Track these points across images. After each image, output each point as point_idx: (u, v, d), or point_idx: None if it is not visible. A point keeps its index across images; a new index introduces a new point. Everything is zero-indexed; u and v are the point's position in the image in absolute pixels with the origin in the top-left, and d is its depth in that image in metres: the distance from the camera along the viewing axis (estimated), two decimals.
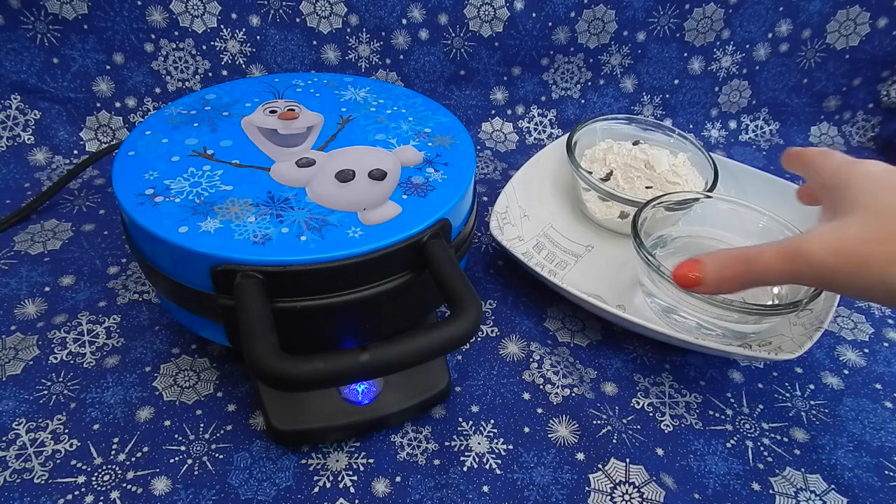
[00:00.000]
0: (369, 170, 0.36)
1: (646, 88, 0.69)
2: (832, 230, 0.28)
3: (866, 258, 0.26)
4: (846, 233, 0.27)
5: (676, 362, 0.42)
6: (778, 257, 0.29)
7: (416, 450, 0.36)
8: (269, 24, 0.60)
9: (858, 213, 0.28)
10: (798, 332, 0.40)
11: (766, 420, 0.39)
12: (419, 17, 0.61)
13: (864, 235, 0.27)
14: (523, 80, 0.67)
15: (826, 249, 0.27)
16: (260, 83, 0.45)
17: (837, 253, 0.27)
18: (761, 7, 0.65)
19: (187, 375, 0.39)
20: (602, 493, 0.34)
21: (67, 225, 0.51)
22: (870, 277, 0.26)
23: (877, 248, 0.26)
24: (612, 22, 0.64)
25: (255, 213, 0.32)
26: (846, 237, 0.27)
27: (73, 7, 0.55)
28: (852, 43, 0.68)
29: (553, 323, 0.45)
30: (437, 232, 0.33)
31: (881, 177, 0.29)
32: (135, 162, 0.35)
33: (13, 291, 0.44)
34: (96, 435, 0.35)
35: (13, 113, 0.57)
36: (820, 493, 0.35)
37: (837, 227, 0.28)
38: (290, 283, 0.30)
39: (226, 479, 0.33)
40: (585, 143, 0.54)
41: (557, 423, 0.38)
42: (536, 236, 0.51)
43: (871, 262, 0.26)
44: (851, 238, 0.27)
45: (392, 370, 0.27)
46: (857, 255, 0.27)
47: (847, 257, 0.27)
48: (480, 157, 0.65)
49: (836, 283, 0.28)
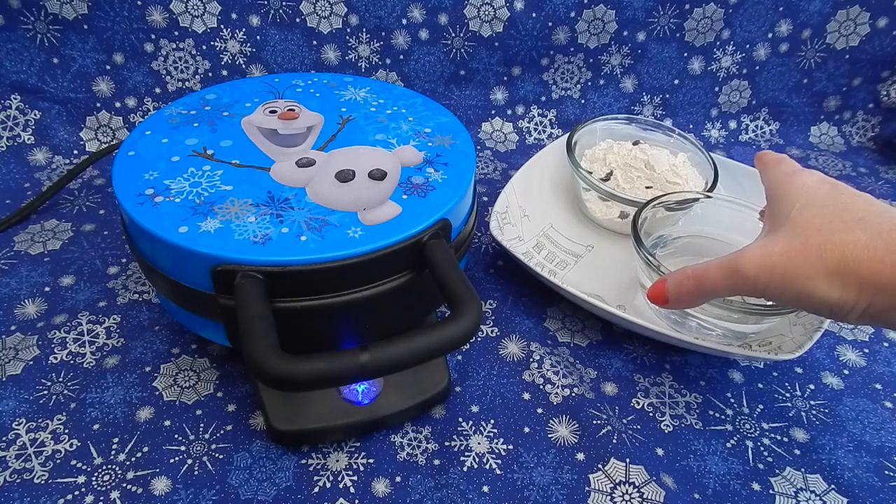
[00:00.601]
0: (369, 170, 0.36)
1: (646, 88, 0.69)
2: (762, 246, 0.29)
3: (790, 273, 0.27)
4: (773, 249, 0.28)
5: (676, 362, 0.42)
6: (720, 274, 0.30)
7: (416, 450, 0.36)
8: (269, 24, 0.60)
9: (786, 228, 0.29)
10: (798, 332, 0.40)
11: (766, 420, 0.39)
12: (419, 17, 0.61)
13: (789, 251, 0.28)
14: (523, 80, 0.67)
15: (756, 266, 0.29)
16: (260, 83, 0.45)
17: (765, 268, 0.28)
18: (761, 7, 0.65)
19: (187, 375, 0.39)
20: (602, 493, 0.34)
21: (67, 225, 0.51)
22: (795, 291, 0.28)
23: (799, 264, 0.27)
24: (612, 22, 0.64)
25: (255, 213, 0.32)
26: (773, 253, 0.28)
27: (73, 7, 0.55)
28: (852, 43, 0.68)
29: (553, 323, 0.45)
30: (437, 232, 0.33)
31: (812, 191, 0.30)
32: (135, 162, 0.35)
33: (13, 291, 0.44)
34: (96, 435, 0.35)
35: (13, 113, 0.57)
36: (820, 493, 0.35)
37: (767, 242, 0.29)
38: (290, 283, 0.30)
39: (226, 479, 0.33)
40: (585, 143, 0.54)
41: (557, 423, 0.38)
42: (536, 236, 0.51)
43: (794, 277, 0.27)
44: (777, 254, 0.28)
45: (392, 370, 0.27)
46: (782, 270, 0.28)
47: (773, 272, 0.28)
48: (480, 157, 0.65)
49: (769, 296, 0.29)
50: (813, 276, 0.27)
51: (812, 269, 0.27)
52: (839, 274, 0.26)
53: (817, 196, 0.29)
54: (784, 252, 0.28)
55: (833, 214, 0.28)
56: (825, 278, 0.26)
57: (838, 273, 0.26)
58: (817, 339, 0.38)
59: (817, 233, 0.27)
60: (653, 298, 0.35)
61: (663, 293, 0.34)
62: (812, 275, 0.27)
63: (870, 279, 0.26)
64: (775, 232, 0.30)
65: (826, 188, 0.30)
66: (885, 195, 0.63)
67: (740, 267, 0.29)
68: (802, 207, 0.29)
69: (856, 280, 0.26)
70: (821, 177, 0.31)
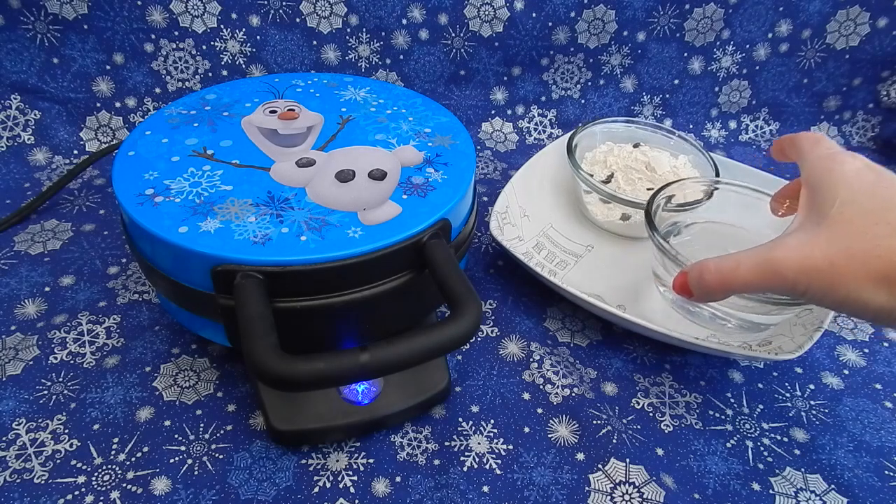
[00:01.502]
0: (369, 170, 0.36)
1: (646, 88, 0.69)
2: (800, 246, 0.27)
3: (834, 280, 0.26)
4: (813, 251, 0.27)
5: (676, 362, 0.42)
6: (754, 271, 0.29)
7: (416, 450, 0.36)
8: (269, 24, 0.60)
9: (826, 227, 0.27)
10: (798, 332, 0.40)
11: (766, 420, 0.39)
12: (419, 17, 0.61)
13: (832, 255, 0.26)
14: (523, 80, 0.67)
15: (795, 268, 0.27)
16: (260, 83, 0.45)
17: (806, 271, 0.27)
18: (761, 7, 0.65)
19: (187, 375, 0.39)
20: (602, 493, 0.34)
21: (67, 225, 0.51)
22: (840, 297, 0.26)
23: (843, 270, 0.26)
24: (612, 22, 0.64)
25: (255, 213, 0.32)
26: (813, 256, 0.27)
27: (73, 7, 0.55)
28: (852, 43, 0.68)
29: (553, 323, 0.45)
30: (437, 232, 0.33)
31: (854, 184, 0.28)
32: (135, 162, 0.35)
33: (13, 291, 0.44)
34: (96, 435, 0.35)
35: (13, 113, 0.57)
36: (820, 493, 0.35)
37: (806, 242, 0.27)
38: (290, 283, 0.30)
39: (226, 479, 0.33)
40: (586, 145, 0.54)
41: (557, 423, 0.38)
42: (536, 236, 0.51)
43: (838, 284, 0.26)
44: (819, 258, 0.26)
45: (392, 370, 0.27)
46: (824, 275, 0.26)
47: (814, 277, 0.27)
48: (480, 157, 0.65)
49: (809, 299, 0.28)
50: (859, 283, 0.25)
51: (857, 276, 0.25)
52: (887, 281, 0.25)
53: (860, 191, 0.27)
54: (826, 256, 0.26)
55: (879, 215, 0.26)
56: (872, 285, 0.25)
57: (886, 280, 0.25)
58: (817, 339, 0.38)
59: (862, 237, 0.26)
60: (678, 290, 0.33)
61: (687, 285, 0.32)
62: (858, 282, 0.25)
63: None
64: (814, 229, 0.28)
65: (870, 180, 0.27)
66: None
67: (778, 268, 0.28)
68: (843, 204, 0.27)
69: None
70: (864, 163, 0.29)
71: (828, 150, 0.31)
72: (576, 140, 0.52)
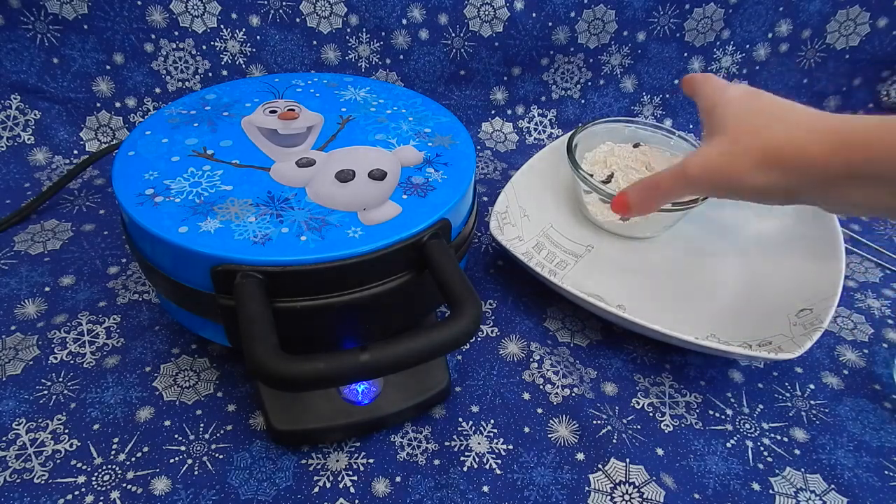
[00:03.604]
0: (369, 170, 0.36)
1: (646, 88, 0.69)
2: (703, 151, 0.35)
3: (726, 170, 0.33)
4: (711, 153, 0.34)
5: (676, 362, 0.42)
6: (672, 178, 0.37)
7: (416, 450, 0.36)
8: (269, 24, 0.60)
9: (722, 135, 0.34)
10: (798, 332, 0.40)
11: (766, 420, 0.39)
12: (419, 17, 0.61)
13: (724, 152, 0.34)
14: (523, 80, 0.67)
15: (699, 167, 0.35)
16: (260, 83, 0.45)
17: (707, 169, 0.34)
18: (761, 7, 0.65)
19: (187, 375, 0.39)
20: (602, 493, 0.34)
21: (67, 225, 0.51)
22: (733, 183, 0.34)
23: (733, 161, 0.33)
24: (612, 22, 0.64)
25: (255, 213, 0.32)
26: (711, 156, 0.34)
27: (73, 7, 0.55)
28: (852, 43, 0.68)
29: (553, 323, 0.45)
30: (437, 232, 0.33)
31: (740, 102, 0.35)
32: (135, 162, 0.35)
33: (13, 291, 0.44)
34: (96, 435, 0.35)
35: (13, 113, 0.57)
36: (820, 493, 0.35)
37: (707, 148, 0.35)
38: (290, 283, 0.30)
39: (226, 479, 0.33)
40: (585, 146, 0.54)
41: (557, 423, 0.38)
42: (536, 236, 0.51)
43: (730, 172, 0.33)
44: (715, 156, 0.34)
45: (392, 370, 0.27)
46: (719, 168, 0.34)
47: (713, 171, 0.34)
48: (480, 157, 0.65)
49: (711, 191, 0.36)
50: (745, 169, 0.32)
51: (744, 163, 0.33)
52: (766, 164, 0.32)
53: (741, 108, 0.35)
54: (721, 154, 0.34)
55: (758, 118, 0.33)
56: (754, 169, 0.32)
57: (765, 163, 0.32)
58: (817, 338, 0.38)
59: (745, 134, 0.33)
60: (617, 208, 0.41)
61: (626, 203, 0.40)
62: (744, 168, 0.33)
63: (789, 164, 0.31)
64: (712, 141, 0.35)
65: (749, 95, 0.35)
66: None
67: (688, 172, 0.35)
68: (733, 116, 0.34)
69: (779, 166, 0.31)
70: (746, 88, 0.37)
71: (718, 83, 0.39)
72: (576, 140, 0.52)
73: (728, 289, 0.46)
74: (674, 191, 0.37)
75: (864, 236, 0.56)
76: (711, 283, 0.47)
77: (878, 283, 0.51)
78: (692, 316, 0.44)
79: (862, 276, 0.51)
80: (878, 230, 0.57)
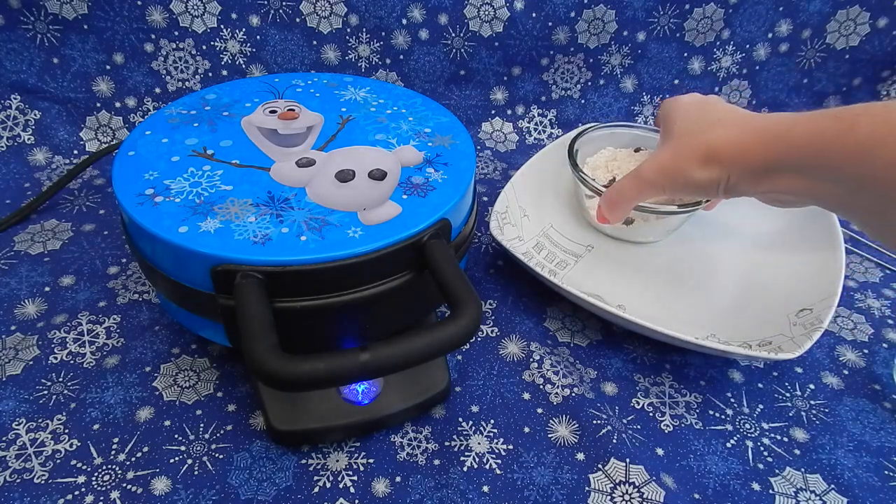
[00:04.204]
0: (369, 170, 0.36)
1: (646, 88, 0.69)
2: (657, 155, 0.39)
3: (675, 169, 0.37)
4: (663, 155, 0.38)
5: (676, 362, 0.42)
6: (630, 183, 0.41)
7: (416, 450, 0.36)
8: (269, 24, 0.60)
9: (671, 140, 0.38)
10: (798, 332, 0.40)
11: (766, 420, 0.39)
12: (419, 17, 0.61)
13: (673, 154, 0.37)
14: (523, 80, 0.67)
15: (652, 169, 0.39)
16: (260, 83, 0.45)
17: (659, 170, 0.38)
18: (761, 7, 0.65)
19: (187, 375, 0.39)
20: (602, 493, 0.34)
21: (67, 225, 0.51)
22: (681, 181, 0.37)
23: (680, 161, 0.37)
24: (612, 22, 0.64)
25: (255, 213, 0.32)
26: (663, 159, 0.38)
27: (73, 7, 0.55)
28: (852, 43, 0.68)
29: (553, 323, 0.45)
30: (437, 232, 0.33)
31: (686, 108, 0.39)
32: (135, 162, 0.35)
33: (13, 291, 0.44)
34: (96, 435, 0.35)
35: (13, 113, 0.57)
36: (820, 493, 0.35)
37: (658, 153, 0.39)
38: (290, 283, 0.30)
39: (226, 479, 0.33)
40: (586, 151, 0.54)
41: (557, 423, 0.38)
42: (536, 236, 0.51)
43: (678, 171, 0.37)
44: (666, 159, 0.38)
45: (392, 370, 0.27)
46: (670, 169, 0.37)
47: (665, 172, 0.38)
48: (480, 157, 0.65)
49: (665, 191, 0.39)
50: (691, 167, 0.36)
51: (689, 162, 0.36)
52: (707, 161, 0.35)
53: (690, 111, 0.38)
54: (670, 156, 0.37)
55: (701, 121, 0.37)
56: (699, 166, 0.36)
57: (707, 160, 0.35)
58: (817, 338, 0.38)
59: (691, 136, 0.37)
60: (600, 220, 0.45)
61: (600, 213, 0.44)
62: (690, 166, 0.36)
63: (727, 159, 0.35)
64: (664, 144, 0.39)
65: (697, 103, 0.39)
66: None
67: (641, 174, 0.39)
68: (681, 121, 0.38)
69: (718, 162, 0.35)
70: (693, 96, 0.40)
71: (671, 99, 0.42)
72: (576, 146, 0.52)
73: (728, 289, 0.46)
74: (634, 194, 0.41)
75: (864, 236, 0.56)
76: (711, 283, 0.47)
77: (878, 283, 0.51)
78: (692, 316, 0.44)
79: (862, 276, 0.51)
80: None
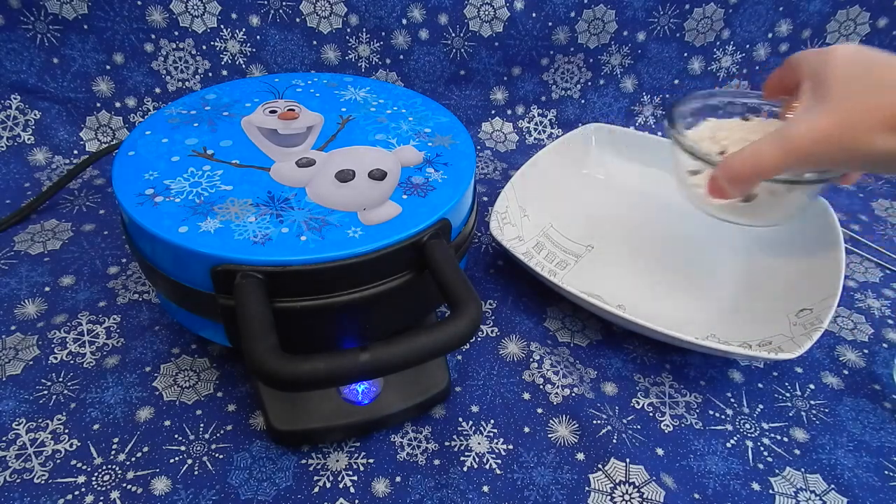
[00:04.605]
0: (369, 170, 0.36)
1: (646, 88, 0.69)
2: (810, 120, 0.32)
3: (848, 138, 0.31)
4: (821, 121, 0.32)
5: (676, 362, 0.42)
6: (773, 150, 0.33)
7: (416, 450, 0.36)
8: (269, 24, 0.60)
9: (830, 101, 0.32)
10: (798, 332, 0.40)
11: (766, 420, 0.39)
12: (419, 17, 0.61)
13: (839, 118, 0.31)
14: (523, 80, 0.67)
15: (809, 138, 0.32)
16: (260, 83, 0.45)
17: (818, 140, 0.32)
18: (761, 7, 0.65)
19: (187, 375, 0.39)
20: (602, 493, 0.34)
21: (67, 225, 0.51)
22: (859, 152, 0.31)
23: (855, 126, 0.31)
24: (612, 22, 0.64)
25: (255, 213, 0.32)
26: (822, 124, 0.32)
27: (73, 7, 0.55)
28: (852, 43, 0.68)
29: (553, 323, 0.45)
30: (437, 232, 0.33)
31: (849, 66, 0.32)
32: (135, 162, 0.35)
33: (13, 291, 0.44)
34: (96, 435, 0.35)
35: (13, 113, 0.57)
36: (820, 493, 0.35)
37: (814, 116, 0.32)
38: (290, 283, 0.30)
39: (226, 479, 0.33)
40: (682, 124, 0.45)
41: (557, 423, 0.38)
42: (536, 236, 0.51)
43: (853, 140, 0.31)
44: (826, 123, 0.32)
45: (392, 370, 0.27)
46: (839, 137, 0.31)
47: (830, 141, 0.32)
48: (480, 157, 0.65)
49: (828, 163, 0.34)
50: (870, 135, 0.30)
51: (866, 129, 0.30)
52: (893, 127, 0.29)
53: (852, 69, 0.32)
54: (836, 122, 0.31)
55: (879, 77, 0.31)
56: (881, 133, 0.30)
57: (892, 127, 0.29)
58: (817, 338, 0.38)
59: (869, 95, 0.30)
60: (714, 194, 0.37)
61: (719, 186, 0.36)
62: (868, 133, 0.30)
63: None
64: (818, 107, 0.32)
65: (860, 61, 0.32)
66: (885, 195, 0.63)
67: (796, 143, 0.32)
68: (842, 79, 0.32)
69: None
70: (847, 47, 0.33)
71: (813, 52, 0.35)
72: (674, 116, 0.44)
73: (728, 289, 0.46)
74: (778, 163, 0.34)
75: (864, 236, 0.56)
76: (711, 283, 0.47)
77: (878, 283, 0.51)
78: (692, 316, 0.44)
79: (862, 276, 0.51)
80: (879, 230, 0.57)
